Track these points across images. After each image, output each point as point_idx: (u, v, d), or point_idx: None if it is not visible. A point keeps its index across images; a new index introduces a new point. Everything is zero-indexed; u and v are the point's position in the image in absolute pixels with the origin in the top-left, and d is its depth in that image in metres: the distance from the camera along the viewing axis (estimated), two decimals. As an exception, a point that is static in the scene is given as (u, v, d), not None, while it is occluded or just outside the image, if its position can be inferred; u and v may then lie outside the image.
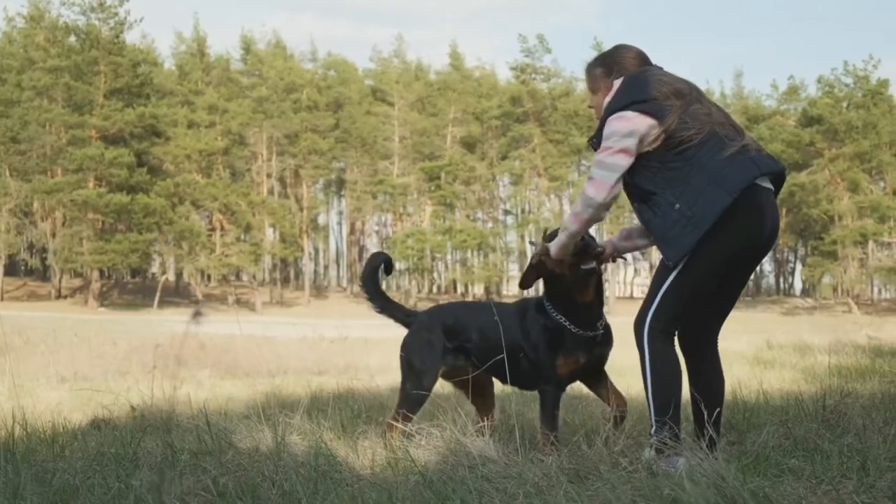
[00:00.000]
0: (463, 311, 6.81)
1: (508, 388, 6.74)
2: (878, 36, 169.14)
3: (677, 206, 5.36)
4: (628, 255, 6.49)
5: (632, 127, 5.48)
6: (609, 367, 6.18)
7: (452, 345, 6.42)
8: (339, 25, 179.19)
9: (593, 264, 5.98)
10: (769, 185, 5.51)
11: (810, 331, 25.27)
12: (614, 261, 6.35)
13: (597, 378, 6.20)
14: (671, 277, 5.46)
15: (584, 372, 6.10)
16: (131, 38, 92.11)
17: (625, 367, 9.71)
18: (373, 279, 6.94)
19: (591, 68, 6.05)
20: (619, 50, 6.05)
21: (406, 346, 6.62)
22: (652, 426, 5.30)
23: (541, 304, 6.15)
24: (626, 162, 5.49)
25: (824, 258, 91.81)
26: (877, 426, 5.66)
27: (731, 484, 4.15)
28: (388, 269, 7.06)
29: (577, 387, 6.69)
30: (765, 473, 4.72)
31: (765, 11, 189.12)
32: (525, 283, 6.25)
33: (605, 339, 6.14)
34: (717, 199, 5.27)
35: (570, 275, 5.96)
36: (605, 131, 5.54)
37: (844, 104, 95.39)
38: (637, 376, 5.61)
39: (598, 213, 5.61)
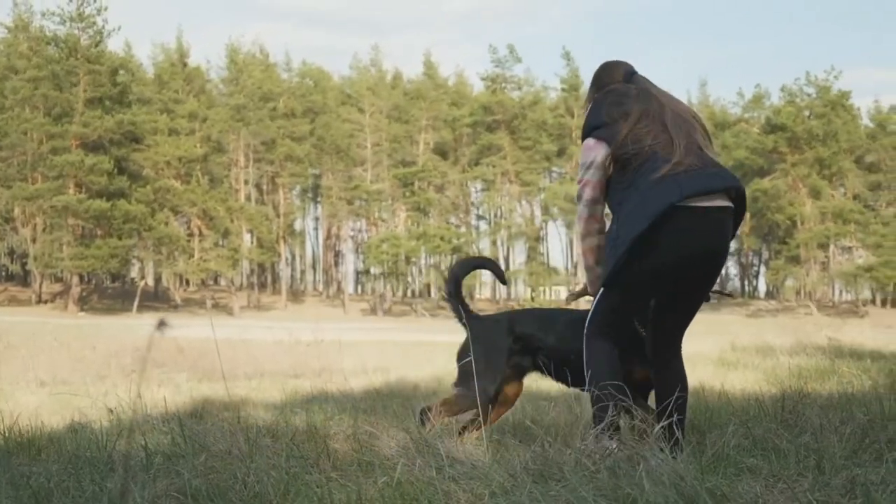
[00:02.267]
0: (532, 316, 6.72)
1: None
2: (842, 46, 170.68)
3: (615, 227, 5.52)
4: None
5: (591, 157, 5.67)
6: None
7: (518, 347, 6.40)
8: (316, 35, 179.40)
9: None
10: (710, 203, 5.47)
11: (773, 333, 25.39)
12: None
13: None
14: (601, 290, 5.69)
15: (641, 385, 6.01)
16: (111, 46, 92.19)
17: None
18: (457, 283, 6.74)
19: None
20: (604, 66, 6.17)
21: (471, 350, 6.44)
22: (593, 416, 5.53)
23: None
24: (589, 194, 5.70)
25: (787, 262, 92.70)
26: (833, 426, 5.74)
27: (690, 483, 4.22)
28: (500, 276, 6.89)
29: (551, 387, 6.77)
30: (724, 473, 4.79)
31: (731, 21, 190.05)
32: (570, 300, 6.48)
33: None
34: (636, 224, 5.37)
35: None
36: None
37: (806, 113, 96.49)
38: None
39: (592, 242, 5.81)
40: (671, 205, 5.34)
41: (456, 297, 6.66)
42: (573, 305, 6.73)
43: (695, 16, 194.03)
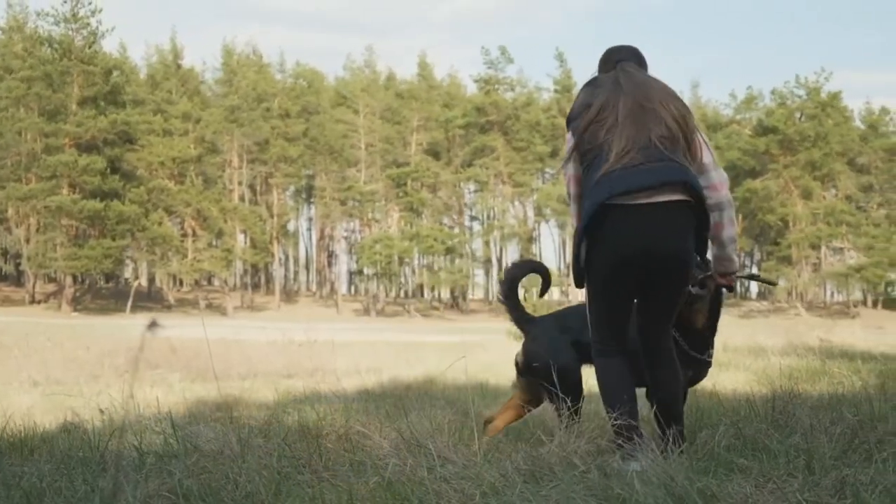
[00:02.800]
0: (580, 313, 6.40)
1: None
2: (833, 48, 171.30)
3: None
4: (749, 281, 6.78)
5: (568, 150, 5.69)
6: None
7: (576, 344, 6.31)
8: (310, 36, 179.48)
9: (697, 290, 5.83)
10: (649, 200, 5.36)
11: (765, 333, 25.48)
12: (731, 288, 6.08)
13: None
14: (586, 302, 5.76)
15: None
16: (105, 47, 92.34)
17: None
18: (513, 285, 6.66)
19: None
20: (605, 52, 6.08)
21: (541, 352, 6.35)
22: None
23: None
24: (573, 189, 5.73)
25: (779, 262, 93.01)
26: (823, 426, 5.75)
27: (681, 483, 4.25)
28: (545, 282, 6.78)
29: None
30: (714, 473, 4.82)
31: (722, 23, 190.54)
32: None
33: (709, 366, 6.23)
34: (580, 222, 5.44)
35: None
36: None
37: (797, 115, 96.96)
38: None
39: None
40: (601, 204, 5.32)
41: (512, 299, 6.60)
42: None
43: (686, 18, 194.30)
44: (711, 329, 6.05)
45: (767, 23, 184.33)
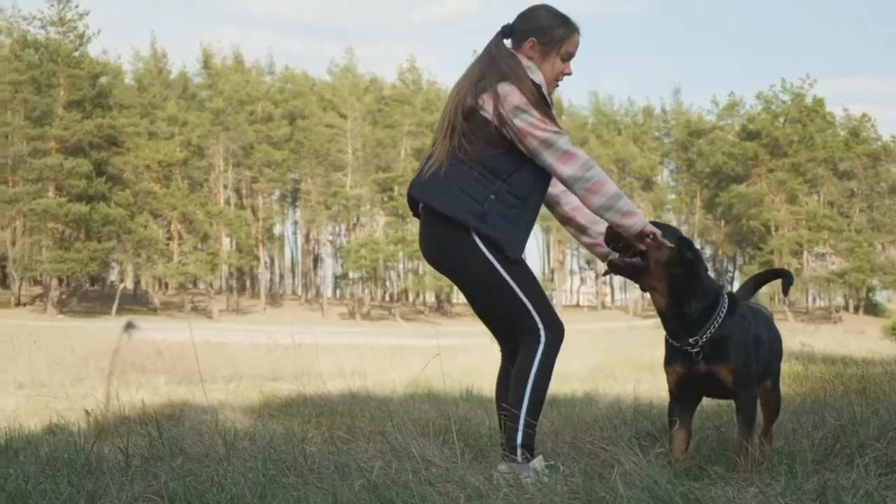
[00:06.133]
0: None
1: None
2: (812, 56, 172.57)
3: None
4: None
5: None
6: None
7: None
8: (290, 40, 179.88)
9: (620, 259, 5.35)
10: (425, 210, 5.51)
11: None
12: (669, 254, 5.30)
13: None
14: None
15: (697, 387, 5.43)
16: (91, 51, 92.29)
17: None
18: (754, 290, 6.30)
19: None
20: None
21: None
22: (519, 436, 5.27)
23: None
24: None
25: (761, 267, 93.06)
26: (805, 430, 5.79)
27: (664, 487, 4.27)
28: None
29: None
30: (697, 476, 4.85)
31: (704, 30, 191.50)
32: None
33: (709, 357, 5.30)
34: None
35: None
36: None
37: (781, 119, 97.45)
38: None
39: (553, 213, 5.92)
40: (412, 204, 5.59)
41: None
42: None
43: (668, 25, 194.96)
44: (680, 307, 5.33)
45: (747, 30, 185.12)
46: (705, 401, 5.93)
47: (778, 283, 6.46)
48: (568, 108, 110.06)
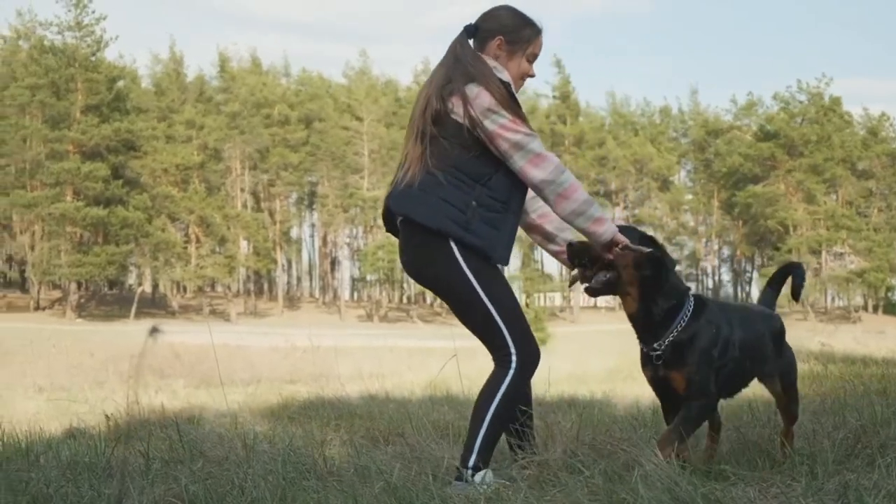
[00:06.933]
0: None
1: None
2: (830, 56, 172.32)
3: None
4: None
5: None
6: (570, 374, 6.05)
7: None
8: (306, 43, 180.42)
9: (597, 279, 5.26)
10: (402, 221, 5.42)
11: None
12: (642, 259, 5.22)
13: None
14: None
15: (664, 392, 5.36)
16: (109, 55, 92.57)
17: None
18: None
19: None
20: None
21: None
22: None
23: None
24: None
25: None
26: (826, 431, 5.77)
27: (685, 488, 4.26)
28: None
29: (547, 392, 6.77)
30: (718, 477, 4.84)
31: (721, 30, 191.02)
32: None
33: (667, 362, 5.22)
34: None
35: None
36: None
37: (799, 119, 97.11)
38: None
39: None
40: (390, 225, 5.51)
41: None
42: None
43: (684, 24, 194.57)
44: (646, 314, 5.25)
45: (764, 30, 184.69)
46: (729, 401, 5.91)
47: (806, 282, 6.34)
48: (585, 110, 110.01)
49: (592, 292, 5.32)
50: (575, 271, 5.45)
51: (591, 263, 5.25)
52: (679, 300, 5.25)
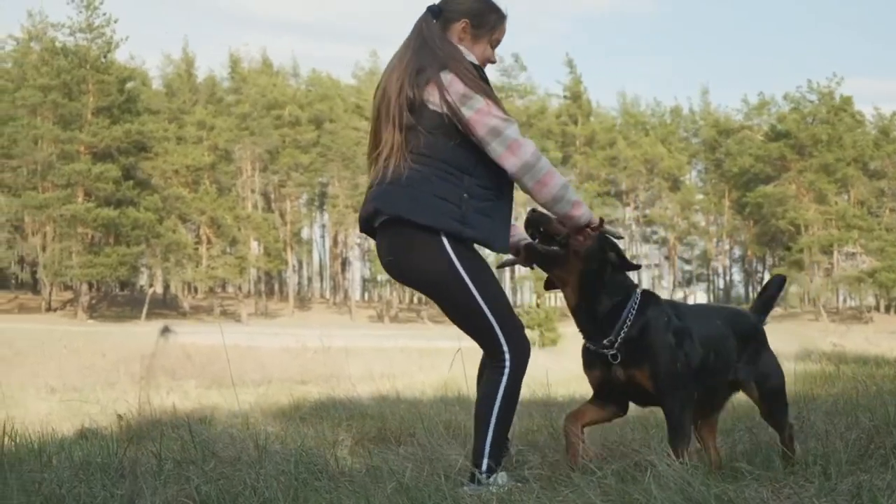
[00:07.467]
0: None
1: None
2: (841, 56, 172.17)
3: None
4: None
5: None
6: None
7: None
8: (316, 44, 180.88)
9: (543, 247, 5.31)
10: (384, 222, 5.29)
11: (779, 339, 25.48)
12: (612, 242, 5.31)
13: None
14: None
15: (618, 393, 5.27)
16: (120, 56, 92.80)
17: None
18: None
19: None
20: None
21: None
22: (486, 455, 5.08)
23: None
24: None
25: (791, 267, 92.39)
26: (839, 431, 5.76)
27: (698, 489, 4.25)
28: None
29: (556, 393, 6.78)
30: (731, 478, 4.83)
31: (732, 29, 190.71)
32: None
33: (625, 362, 5.11)
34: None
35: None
36: None
37: (810, 119, 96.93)
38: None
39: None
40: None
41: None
42: None
43: (695, 24, 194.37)
44: (588, 309, 5.22)
45: (775, 30, 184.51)
46: (736, 400, 5.89)
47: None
48: (596, 110, 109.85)
49: (532, 252, 5.36)
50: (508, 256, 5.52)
51: (546, 237, 5.26)
52: (625, 295, 5.19)
